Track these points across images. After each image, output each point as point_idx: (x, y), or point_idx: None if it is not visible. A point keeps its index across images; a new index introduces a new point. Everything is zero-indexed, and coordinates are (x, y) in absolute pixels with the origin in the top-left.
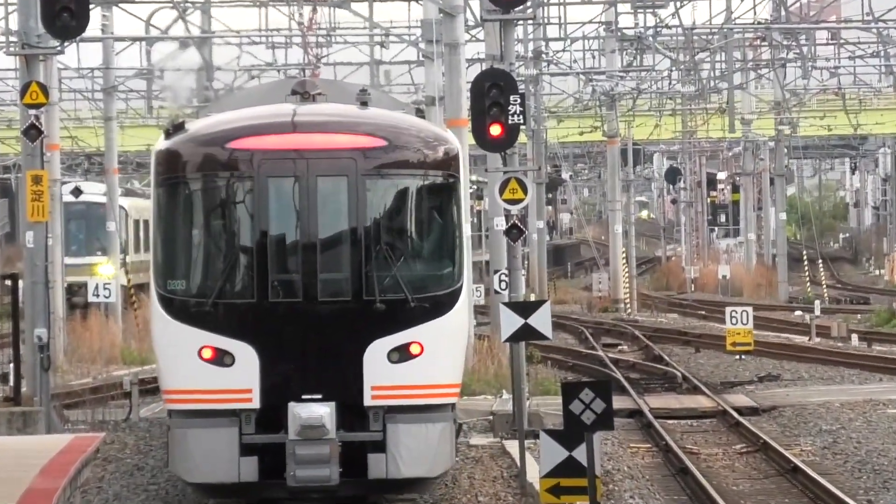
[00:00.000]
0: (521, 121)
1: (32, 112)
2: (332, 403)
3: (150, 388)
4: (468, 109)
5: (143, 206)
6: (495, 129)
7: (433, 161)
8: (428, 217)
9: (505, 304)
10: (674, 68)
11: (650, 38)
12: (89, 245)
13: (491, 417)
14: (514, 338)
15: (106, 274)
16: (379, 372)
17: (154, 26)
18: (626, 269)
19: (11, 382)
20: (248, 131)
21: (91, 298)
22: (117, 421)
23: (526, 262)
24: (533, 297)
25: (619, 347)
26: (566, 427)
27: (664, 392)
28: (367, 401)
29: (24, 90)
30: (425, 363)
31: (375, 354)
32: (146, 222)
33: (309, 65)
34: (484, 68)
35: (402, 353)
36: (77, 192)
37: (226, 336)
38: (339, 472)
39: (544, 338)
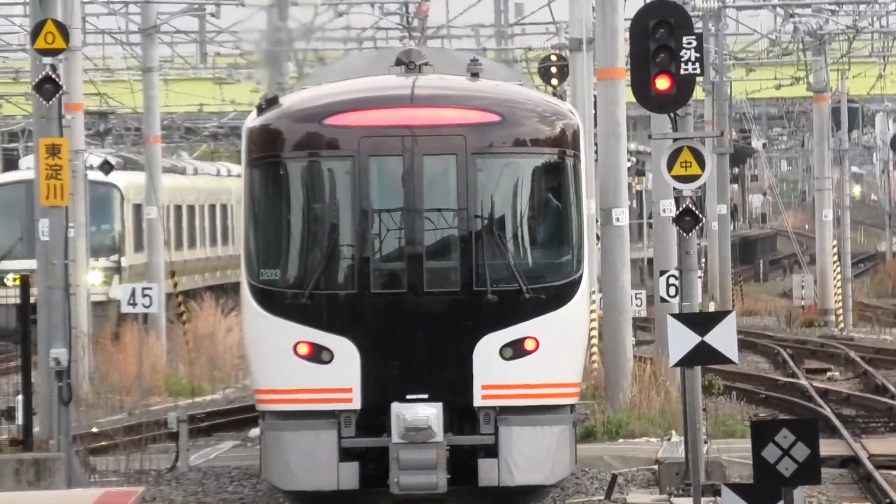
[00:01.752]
0: (698, 70)
1: (48, 60)
2: (440, 404)
3: (203, 426)
4: (627, 56)
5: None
6: (663, 82)
7: (551, 138)
8: (545, 200)
9: (675, 315)
10: None
11: None
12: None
13: (655, 467)
14: (688, 361)
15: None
16: (490, 369)
17: None
18: (839, 270)
19: (20, 420)
20: (348, 106)
21: (126, 308)
22: (160, 471)
23: (703, 260)
24: (713, 307)
25: (829, 374)
26: (757, 480)
27: (889, 433)
28: (478, 401)
29: (35, 31)
30: (542, 360)
31: (487, 350)
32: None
33: None
34: (648, 0)
35: (515, 349)
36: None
37: (324, 330)
38: (446, 478)
39: (729, 361)
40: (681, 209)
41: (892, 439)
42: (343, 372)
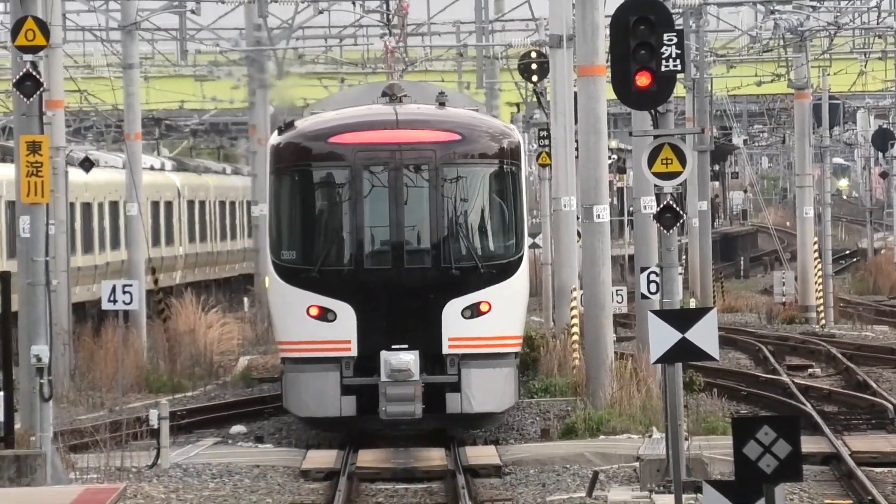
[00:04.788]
0: (678, 67)
1: (28, 58)
2: (417, 352)
3: (184, 423)
4: (607, 52)
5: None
6: (643, 79)
7: (498, 152)
8: (494, 198)
9: (655, 312)
10: None
11: None
12: None
13: (637, 464)
14: (668, 358)
15: None
16: (455, 326)
17: None
18: (820, 266)
19: (1, 417)
20: (348, 128)
21: (106, 305)
22: (140, 468)
23: (684, 257)
24: (693, 304)
25: (810, 371)
26: (738, 477)
27: (871, 430)
28: (446, 350)
29: (16, 29)
30: (493, 319)
31: (452, 312)
32: (10, 204)
33: None
34: None
35: (473, 311)
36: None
37: (329, 297)
38: (422, 408)
39: (710, 358)
40: (661, 206)
41: (874, 436)
42: (344, 328)
